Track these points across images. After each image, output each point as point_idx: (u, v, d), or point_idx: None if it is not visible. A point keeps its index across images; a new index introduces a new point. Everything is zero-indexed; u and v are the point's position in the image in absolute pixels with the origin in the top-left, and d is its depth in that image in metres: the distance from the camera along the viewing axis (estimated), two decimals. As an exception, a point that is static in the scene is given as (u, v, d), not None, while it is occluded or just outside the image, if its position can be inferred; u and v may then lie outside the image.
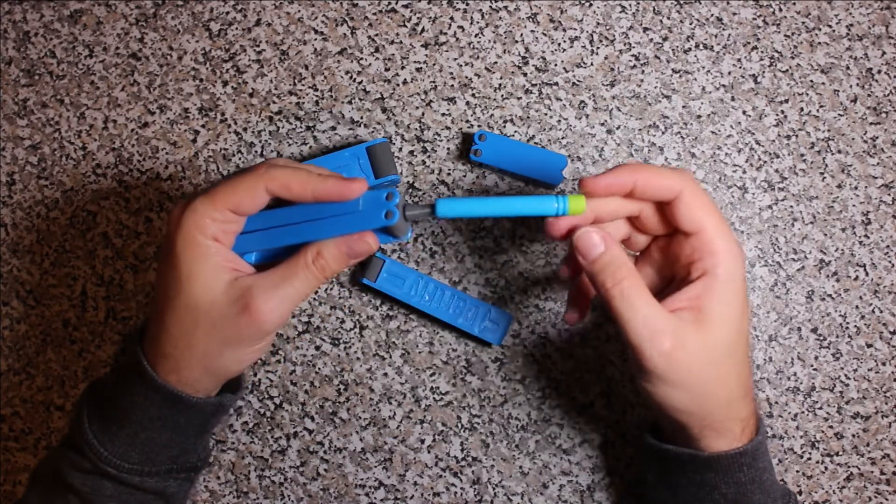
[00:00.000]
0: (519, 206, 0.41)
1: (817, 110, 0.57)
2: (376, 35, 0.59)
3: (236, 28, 0.59)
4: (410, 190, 0.57)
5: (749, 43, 0.58)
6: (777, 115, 0.57)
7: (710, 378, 0.41)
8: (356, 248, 0.42)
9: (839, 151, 0.57)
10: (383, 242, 0.43)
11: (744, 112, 0.57)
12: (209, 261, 0.40)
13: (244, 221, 0.42)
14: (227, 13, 0.60)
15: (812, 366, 0.55)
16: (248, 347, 0.42)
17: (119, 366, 0.46)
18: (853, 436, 0.55)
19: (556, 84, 0.58)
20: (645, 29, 0.58)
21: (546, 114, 0.57)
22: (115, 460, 0.43)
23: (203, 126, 0.59)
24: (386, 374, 0.56)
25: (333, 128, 0.58)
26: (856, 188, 0.56)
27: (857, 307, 0.55)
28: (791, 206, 0.56)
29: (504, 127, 0.57)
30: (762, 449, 0.44)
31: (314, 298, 0.57)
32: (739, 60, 0.58)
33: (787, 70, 0.58)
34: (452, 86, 0.58)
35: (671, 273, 0.44)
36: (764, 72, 0.58)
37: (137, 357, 0.43)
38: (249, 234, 0.42)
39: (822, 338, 0.55)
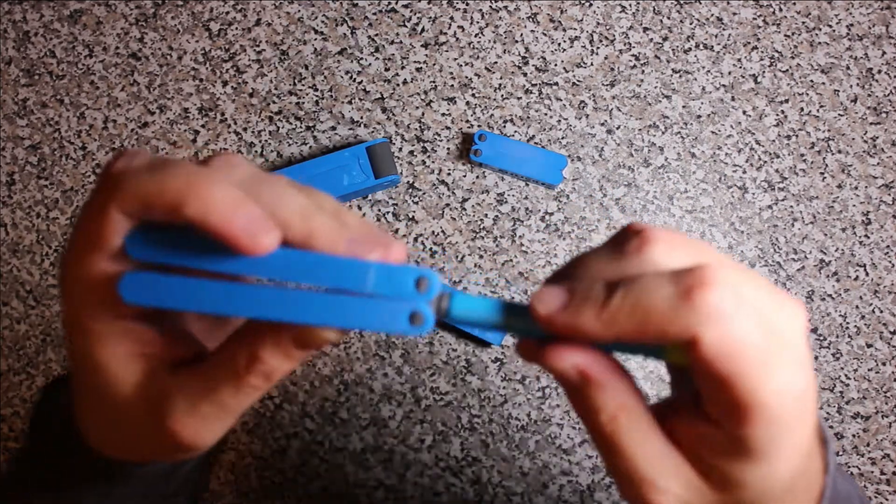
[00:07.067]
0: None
1: (817, 110, 0.57)
2: (376, 35, 0.59)
3: (236, 28, 0.59)
4: (410, 190, 0.57)
5: (749, 43, 0.58)
6: (777, 115, 0.57)
7: None
8: (310, 342, 0.25)
9: (839, 151, 0.57)
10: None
11: (744, 112, 0.57)
12: (114, 348, 0.26)
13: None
14: (227, 13, 0.60)
15: (812, 366, 0.55)
16: (188, 453, 0.28)
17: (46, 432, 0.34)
18: (853, 436, 0.55)
19: (556, 84, 0.58)
20: (645, 29, 0.58)
21: (546, 114, 0.57)
22: None
23: (203, 126, 0.59)
24: (386, 374, 0.56)
25: (333, 128, 0.58)
26: (856, 188, 0.56)
27: (857, 307, 0.55)
28: (791, 206, 0.56)
29: (504, 127, 0.57)
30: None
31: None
32: (739, 60, 0.58)
33: (787, 70, 0.57)
34: (452, 86, 0.58)
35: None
36: (764, 72, 0.58)
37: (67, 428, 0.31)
38: (170, 279, 0.24)
39: (822, 338, 0.55)
